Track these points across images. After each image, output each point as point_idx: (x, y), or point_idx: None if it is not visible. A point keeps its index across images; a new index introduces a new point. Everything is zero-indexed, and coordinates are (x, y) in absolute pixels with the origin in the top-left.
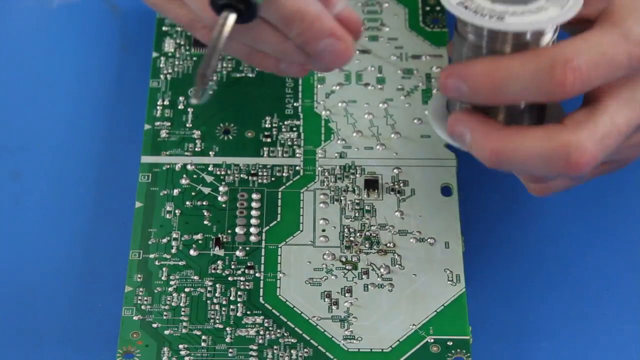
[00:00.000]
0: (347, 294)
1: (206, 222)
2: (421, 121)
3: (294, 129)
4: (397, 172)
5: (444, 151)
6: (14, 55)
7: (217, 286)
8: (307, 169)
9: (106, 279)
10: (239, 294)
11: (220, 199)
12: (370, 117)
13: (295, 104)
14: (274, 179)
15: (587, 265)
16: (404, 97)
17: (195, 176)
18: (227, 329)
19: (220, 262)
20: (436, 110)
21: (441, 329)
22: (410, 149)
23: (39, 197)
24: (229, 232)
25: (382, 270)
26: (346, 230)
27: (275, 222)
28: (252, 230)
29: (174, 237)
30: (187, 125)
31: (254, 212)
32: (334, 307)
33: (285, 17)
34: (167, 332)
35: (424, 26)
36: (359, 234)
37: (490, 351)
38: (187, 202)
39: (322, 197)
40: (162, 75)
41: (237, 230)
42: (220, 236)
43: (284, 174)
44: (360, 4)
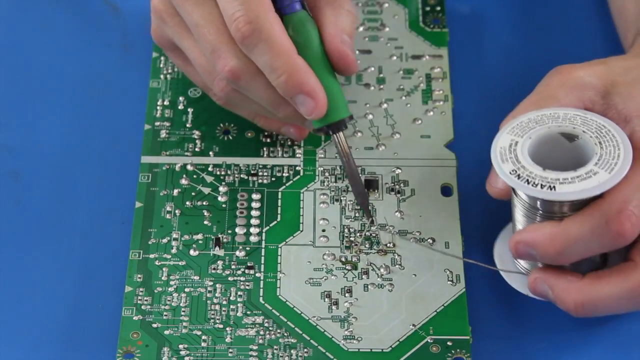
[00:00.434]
0: (347, 294)
1: (206, 222)
2: (421, 121)
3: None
4: (397, 172)
5: (444, 151)
6: (14, 55)
7: (217, 286)
8: (307, 169)
9: (106, 279)
10: (239, 294)
11: (220, 199)
12: (370, 117)
13: None
14: (274, 179)
15: None
16: (404, 97)
17: (195, 176)
18: (227, 329)
19: (220, 262)
20: (502, 260)
21: (441, 329)
22: (410, 149)
23: (39, 197)
24: (229, 232)
25: (382, 270)
26: (346, 230)
27: (275, 222)
28: (252, 230)
29: (174, 237)
30: (187, 125)
31: (254, 212)
32: (334, 307)
33: (269, 63)
34: (167, 332)
35: (424, 26)
36: (359, 234)
37: (490, 351)
38: (187, 202)
39: (322, 197)
40: (162, 75)
41: (237, 230)
42: (220, 236)
43: (284, 174)
44: (360, 4)
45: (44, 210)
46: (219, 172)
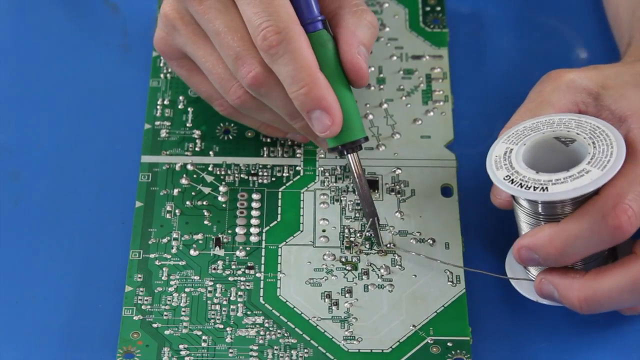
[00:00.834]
0: (347, 295)
1: (206, 222)
2: (421, 121)
3: None
4: (397, 172)
5: (444, 152)
6: (14, 55)
7: (218, 286)
8: (307, 169)
9: (106, 279)
10: (239, 294)
11: (220, 199)
12: (370, 117)
13: None
14: (274, 179)
15: None
16: (404, 98)
17: (195, 176)
18: (228, 329)
19: (220, 262)
20: (513, 269)
21: (441, 329)
22: (410, 150)
23: (39, 197)
24: (229, 232)
25: (382, 270)
26: (346, 230)
27: (275, 222)
28: (253, 230)
29: (174, 237)
30: (187, 124)
31: (254, 212)
32: (334, 308)
33: (292, 74)
34: (167, 332)
35: (424, 26)
36: (359, 235)
37: (490, 352)
38: (187, 202)
39: (322, 197)
40: (162, 74)
41: (238, 230)
42: (220, 236)
43: (284, 174)
44: None
45: (43, 210)
46: (219, 172)
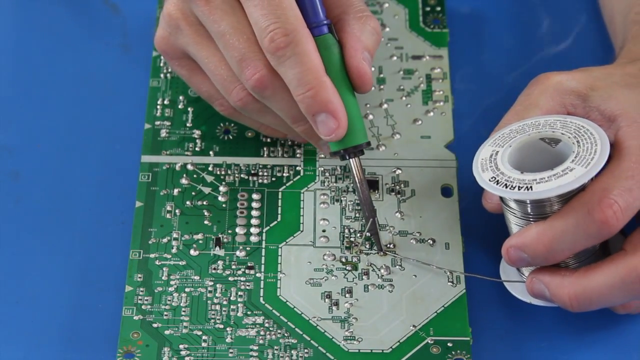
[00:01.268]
0: (347, 295)
1: (206, 222)
2: (421, 122)
3: None
4: (397, 172)
5: (444, 152)
6: (14, 55)
7: (218, 286)
8: (308, 169)
9: (106, 279)
10: (240, 294)
11: (220, 198)
12: (370, 117)
13: None
14: (274, 179)
15: None
16: (404, 98)
17: (195, 176)
18: (228, 329)
19: (220, 262)
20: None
21: (441, 330)
22: (410, 150)
23: (39, 197)
24: (229, 232)
25: (383, 271)
26: (346, 230)
27: (275, 222)
28: (253, 230)
29: (174, 237)
30: (187, 124)
31: (254, 212)
32: (334, 308)
33: (299, 77)
34: (167, 332)
35: (424, 26)
36: (359, 235)
37: (490, 352)
38: (187, 202)
39: (322, 197)
40: (162, 74)
41: (238, 230)
42: (220, 236)
43: (284, 174)
44: None
45: (43, 210)
46: (219, 172)
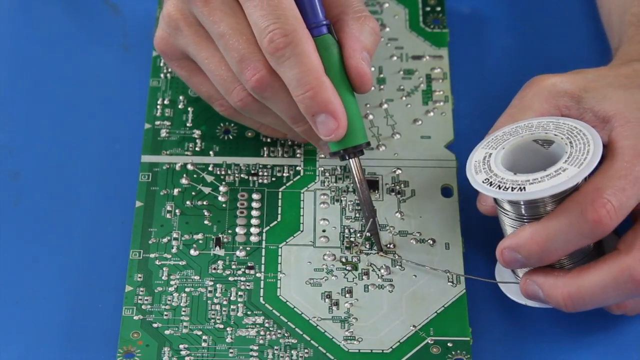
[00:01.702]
0: (347, 295)
1: (206, 222)
2: (421, 122)
3: None
4: (397, 172)
5: (444, 152)
6: (14, 55)
7: (218, 286)
8: (308, 169)
9: (106, 279)
10: (240, 294)
11: (220, 198)
12: (370, 117)
13: None
14: (274, 179)
15: None
16: (404, 98)
17: (195, 176)
18: (228, 329)
19: (220, 262)
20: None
21: (441, 330)
22: (410, 150)
23: (39, 197)
24: (230, 232)
25: (383, 271)
26: (346, 230)
27: (275, 222)
28: (253, 230)
29: (174, 237)
30: (188, 124)
31: (254, 212)
32: (335, 308)
33: (298, 77)
34: (167, 332)
35: (424, 27)
36: (359, 235)
37: (490, 352)
38: (188, 202)
39: (322, 197)
40: (162, 74)
41: (238, 230)
42: (220, 236)
43: (285, 174)
44: None
45: (43, 210)
46: (219, 172)
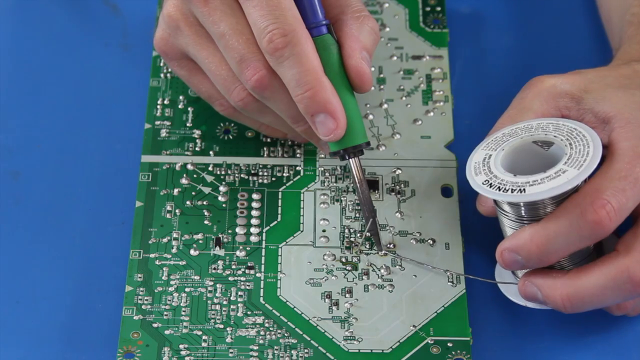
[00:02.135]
0: (347, 295)
1: (206, 222)
2: (421, 122)
3: None
4: (397, 172)
5: (444, 152)
6: (14, 55)
7: (218, 286)
8: (308, 169)
9: (106, 279)
10: (240, 294)
11: (220, 198)
12: (370, 117)
13: None
14: (274, 179)
15: None
16: (404, 98)
17: (195, 176)
18: (228, 329)
19: (220, 262)
20: (501, 275)
21: (441, 330)
22: (410, 150)
23: (39, 197)
24: (230, 232)
25: (383, 271)
26: (346, 230)
27: (275, 222)
28: (253, 230)
29: (174, 237)
30: (188, 124)
31: (254, 212)
32: (335, 308)
33: (297, 77)
34: (167, 332)
35: (424, 27)
36: (359, 235)
37: (490, 352)
38: (188, 202)
39: (322, 197)
40: (162, 74)
41: (238, 230)
42: (220, 236)
43: (285, 174)
44: None
45: (43, 210)
46: (219, 172)
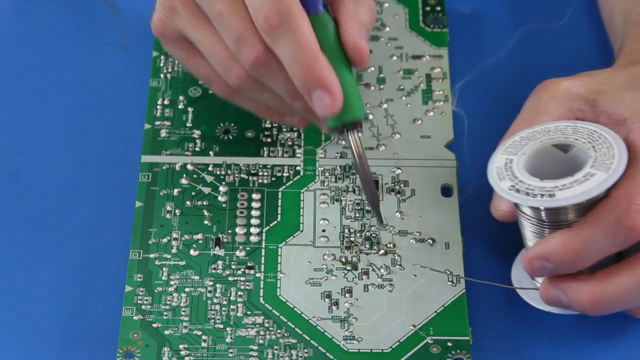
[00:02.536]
0: (347, 295)
1: (206, 222)
2: (421, 121)
3: (294, 129)
4: (397, 172)
5: (444, 151)
6: (14, 55)
7: (218, 286)
8: (308, 169)
9: (106, 279)
10: (239, 294)
11: (220, 198)
12: (370, 117)
13: None
14: (274, 179)
15: None
16: (404, 97)
17: (195, 176)
18: (228, 329)
19: (220, 262)
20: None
21: (441, 329)
22: (410, 149)
23: (39, 197)
24: (229, 232)
25: (382, 270)
26: (346, 230)
27: (275, 222)
28: (253, 230)
29: (174, 237)
30: (187, 124)
31: (254, 212)
32: (334, 308)
33: (294, 54)
34: (167, 332)
35: (424, 26)
36: (359, 234)
37: (490, 352)
38: (187, 202)
39: (322, 197)
40: (162, 74)
41: (238, 230)
42: (220, 236)
43: (284, 174)
44: None
45: (43, 210)
46: (219, 172)
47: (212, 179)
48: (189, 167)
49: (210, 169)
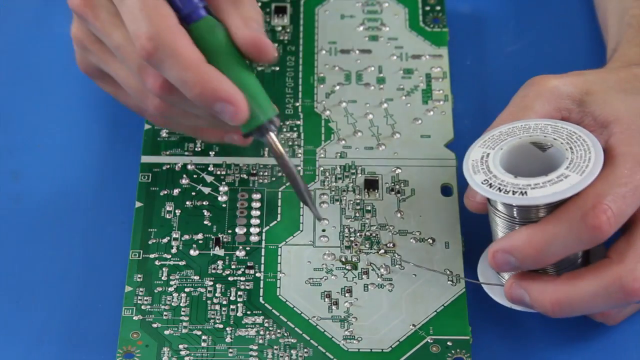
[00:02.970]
0: (347, 294)
1: (206, 222)
2: (421, 121)
3: (294, 129)
4: (397, 172)
5: (444, 151)
6: (14, 55)
7: (217, 286)
8: (307, 169)
9: (106, 279)
10: (239, 294)
11: (220, 198)
12: (370, 117)
13: (295, 104)
14: (274, 179)
15: None
16: (404, 97)
17: (195, 176)
18: (227, 329)
19: (220, 262)
20: (484, 274)
21: (441, 329)
22: (410, 149)
23: (39, 197)
24: (229, 232)
25: (382, 270)
26: (346, 230)
27: (275, 222)
28: (252, 230)
29: (174, 237)
30: None
31: (254, 212)
32: (334, 307)
33: (179, 77)
34: (167, 332)
35: (424, 26)
36: (359, 234)
37: (490, 351)
38: (187, 202)
39: (322, 197)
40: None
41: (237, 230)
42: (220, 236)
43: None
44: (360, 4)
45: (43, 210)
46: (219, 172)
47: (212, 179)
48: (189, 167)
49: (210, 169)
